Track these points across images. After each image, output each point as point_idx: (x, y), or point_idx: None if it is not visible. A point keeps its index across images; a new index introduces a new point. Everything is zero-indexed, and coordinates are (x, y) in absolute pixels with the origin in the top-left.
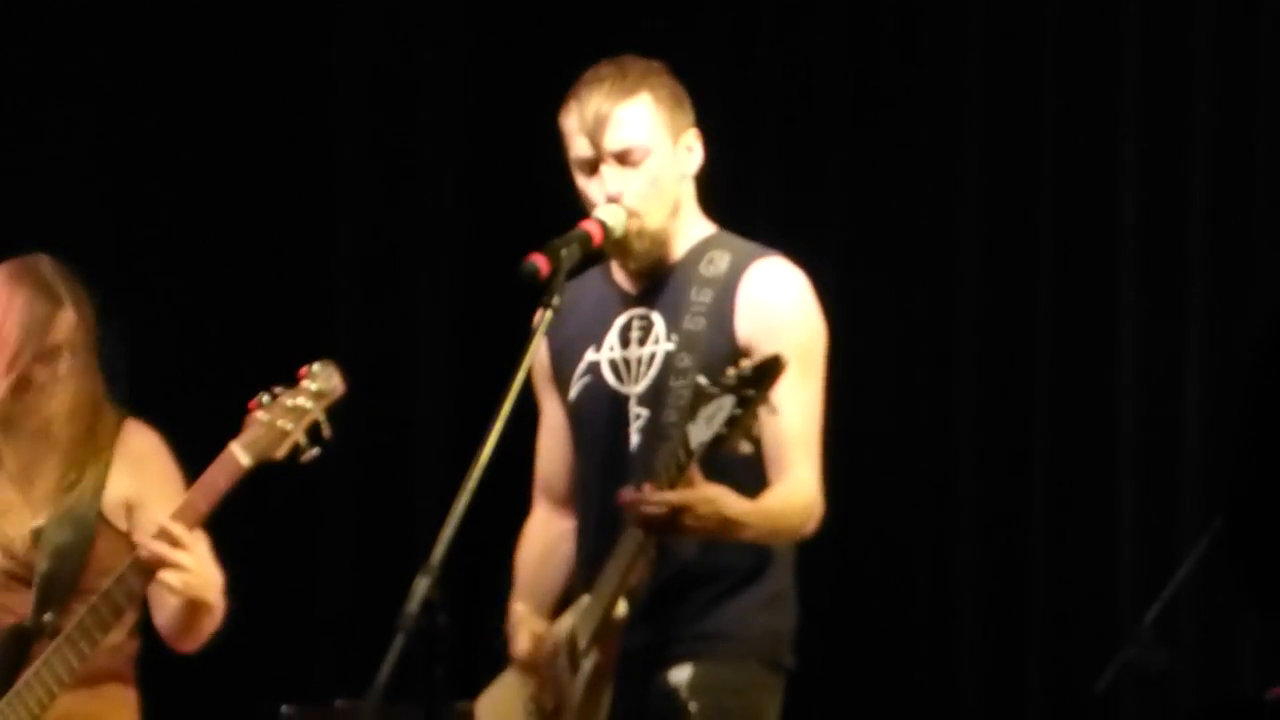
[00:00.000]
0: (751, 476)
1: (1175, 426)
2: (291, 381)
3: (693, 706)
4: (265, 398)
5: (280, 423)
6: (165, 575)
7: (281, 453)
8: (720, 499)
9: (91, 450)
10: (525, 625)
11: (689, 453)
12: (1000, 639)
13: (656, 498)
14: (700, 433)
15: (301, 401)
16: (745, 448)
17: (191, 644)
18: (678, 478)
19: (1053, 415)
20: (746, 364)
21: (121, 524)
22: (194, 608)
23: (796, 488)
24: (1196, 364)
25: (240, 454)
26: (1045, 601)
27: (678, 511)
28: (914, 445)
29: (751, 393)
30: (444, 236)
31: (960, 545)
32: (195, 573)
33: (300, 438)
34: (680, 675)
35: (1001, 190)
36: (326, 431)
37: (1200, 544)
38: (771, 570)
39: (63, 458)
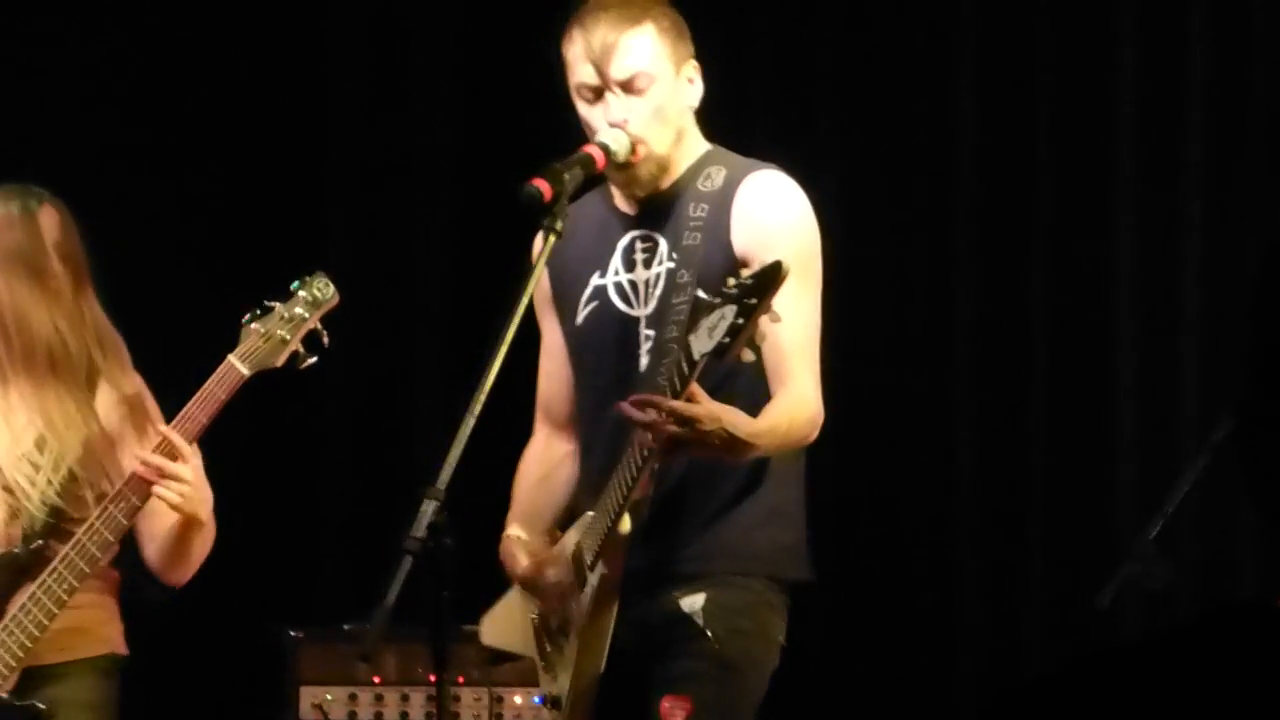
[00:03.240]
0: (753, 388)
1: (1175, 341)
2: (285, 295)
3: (710, 632)
4: (258, 310)
5: (278, 332)
6: (160, 490)
7: (280, 361)
8: (727, 417)
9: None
10: (524, 545)
11: (692, 364)
12: (1002, 556)
13: (666, 404)
14: (702, 343)
15: (298, 311)
16: (748, 356)
17: (183, 571)
18: (680, 390)
19: (1052, 328)
20: (747, 273)
21: (105, 460)
22: (186, 528)
23: (799, 401)
24: (1196, 275)
25: (239, 364)
26: (1046, 518)
27: (684, 423)
28: (913, 354)
29: (753, 301)
30: (443, 156)
31: (960, 462)
32: (194, 487)
33: (298, 346)
34: (694, 603)
35: (997, 102)
36: (326, 340)
37: (1201, 458)
38: (769, 483)
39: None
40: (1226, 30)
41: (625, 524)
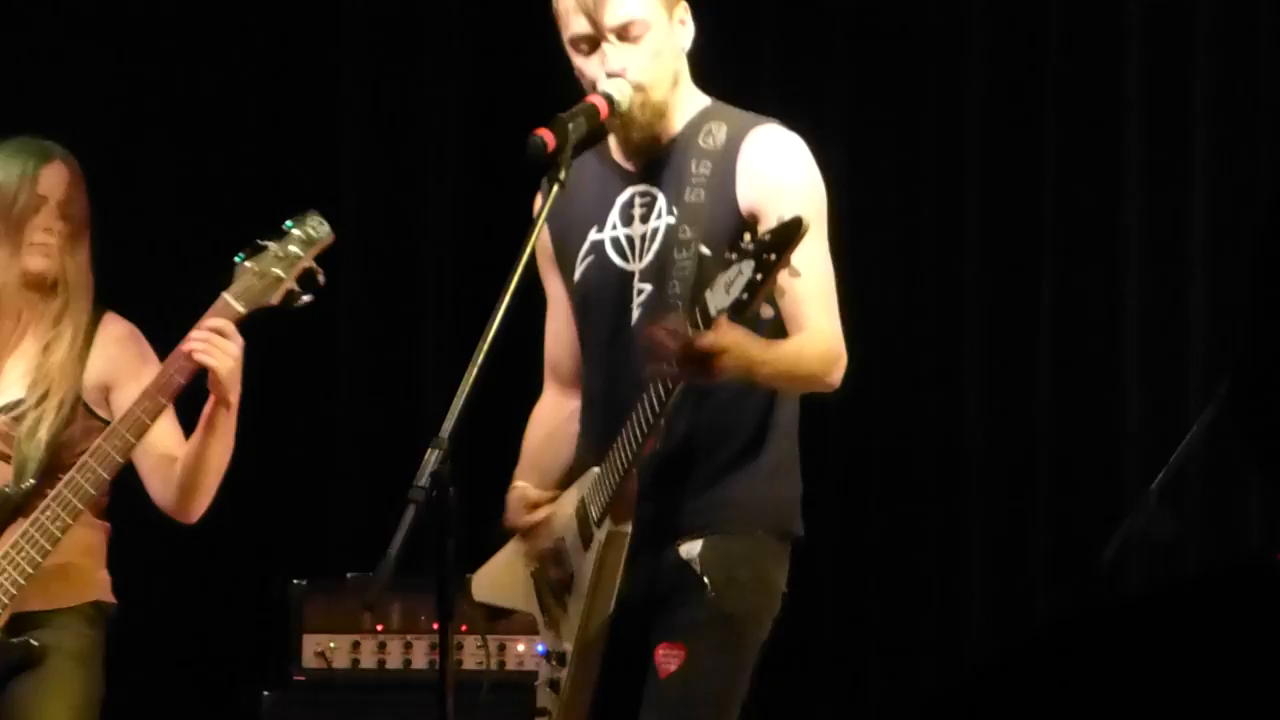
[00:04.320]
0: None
1: (1181, 295)
2: (279, 234)
3: (706, 579)
4: (250, 249)
5: (273, 270)
6: (209, 356)
7: (276, 299)
8: (742, 341)
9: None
10: (526, 497)
11: (708, 320)
12: (1007, 509)
13: (689, 336)
14: (719, 299)
15: (293, 249)
16: (766, 311)
17: (201, 493)
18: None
19: (1058, 288)
20: (763, 228)
21: (99, 409)
22: (214, 424)
23: (816, 334)
24: (1202, 230)
25: (233, 302)
26: (1051, 472)
27: (705, 353)
28: (921, 316)
29: (772, 257)
30: (451, 107)
31: (966, 416)
32: (237, 362)
33: (293, 284)
34: (692, 549)
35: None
36: (321, 279)
37: (1206, 412)
38: (773, 438)
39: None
40: (1232, 27)
41: (634, 480)
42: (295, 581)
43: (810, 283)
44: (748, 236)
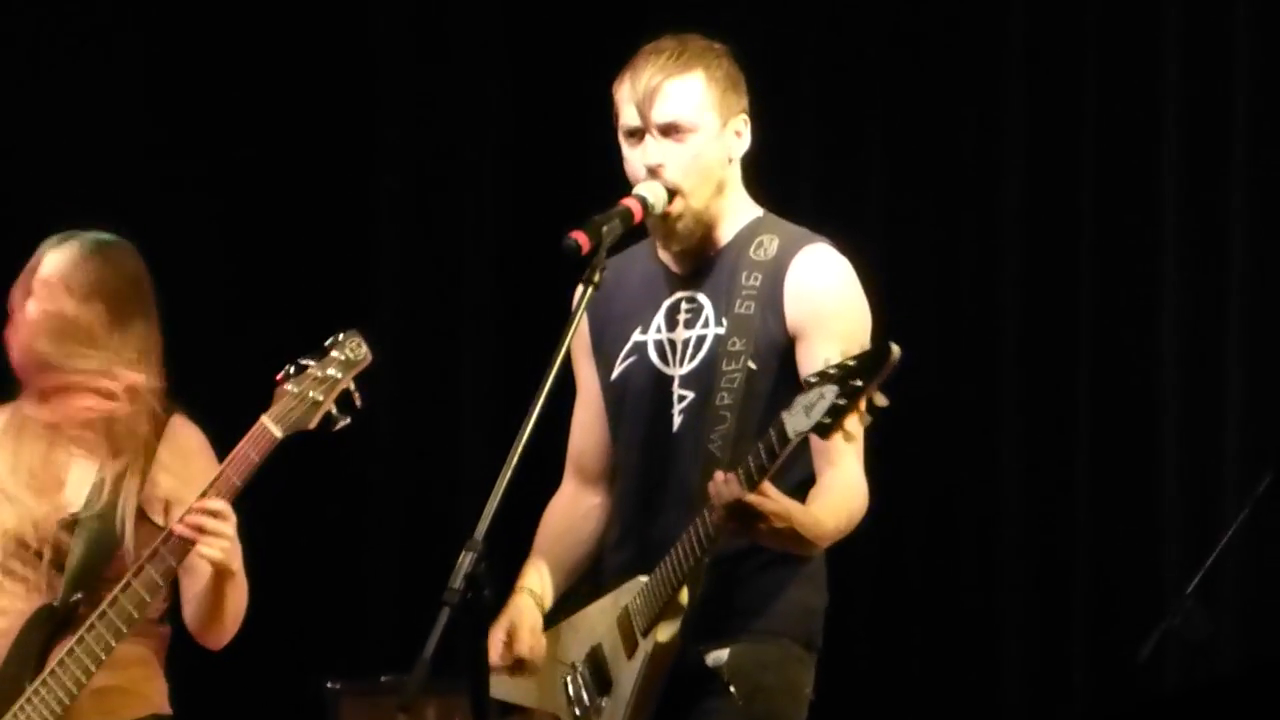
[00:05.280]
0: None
1: (1219, 392)
2: (319, 353)
3: (733, 689)
4: (291, 369)
5: (311, 393)
6: (202, 549)
7: (313, 423)
8: (797, 516)
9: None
10: (517, 626)
11: (785, 440)
12: (1045, 607)
13: (746, 498)
14: (799, 422)
15: (331, 371)
16: (842, 439)
17: (218, 630)
18: (767, 465)
19: (1096, 383)
20: (849, 354)
21: (158, 519)
22: (220, 580)
23: (853, 490)
24: (1238, 325)
25: (272, 426)
26: (1090, 570)
27: (755, 516)
28: (959, 414)
29: (859, 383)
30: (486, 213)
31: (1004, 515)
32: (232, 543)
33: (331, 407)
34: (719, 658)
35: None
36: (358, 401)
37: (1244, 511)
38: None
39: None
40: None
41: (684, 594)
42: (330, 684)
43: None
44: (830, 360)
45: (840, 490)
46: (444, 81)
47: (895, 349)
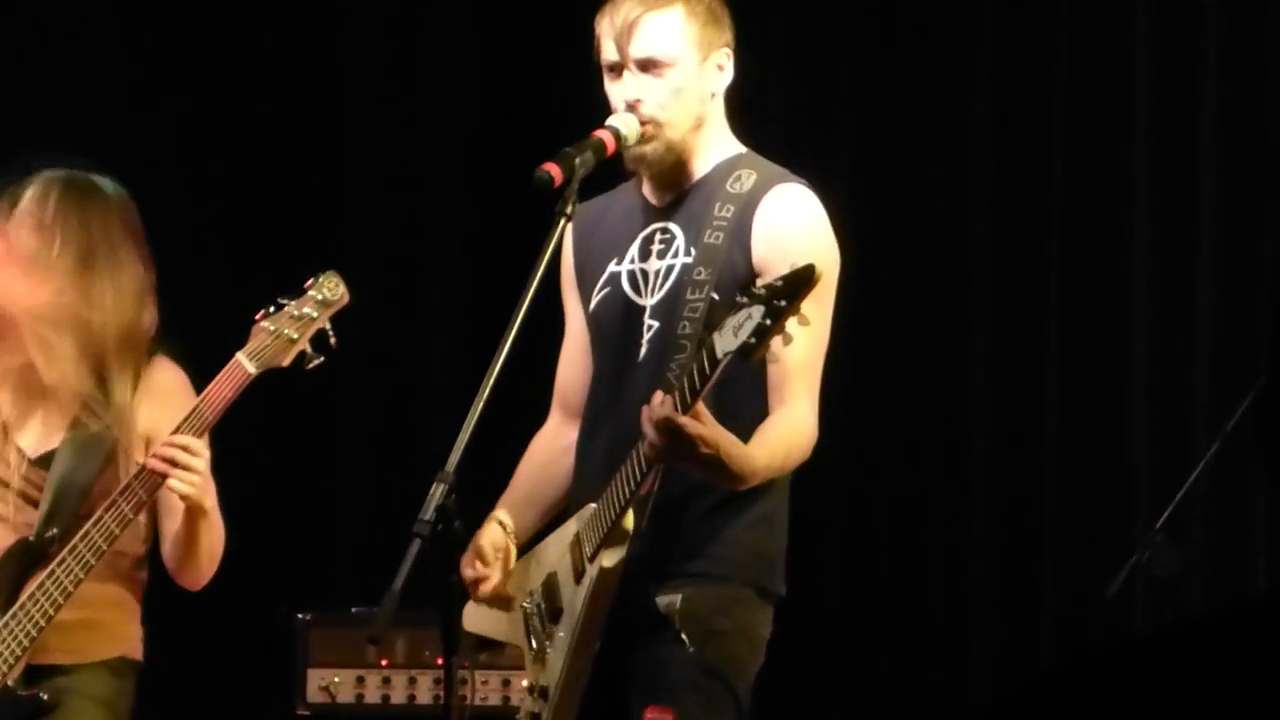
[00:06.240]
0: (741, 403)
1: (1189, 328)
2: (297, 292)
3: (685, 636)
4: (270, 308)
5: (286, 331)
6: (173, 482)
7: (287, 361)
8: (725, 445)
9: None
10: (482, 549)
11: (714, 362)
12: (1012, 544)
13: (675, 420)
14: (727, 342)
15: (307, 310)
16: (772, 357)
17: (195, 570)
18: (699, 387)
19: (1066, 320)
20: (772, 277)
21: (138, 455)
22: (192, 518)
23: (798, 427)
24: (1209, 264)
25: (246, 362)
26: (1057, 506)
27: (683, 438)
28: (928, 351)
29: (783, 303)
30: (458, 145)
31: (973, 450)
32: (204, 478)
33: (305, 346)
34: (671, 604)
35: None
36: (333, 340)
37: (1212, 446)
38: (762, 490)
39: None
40: (1240, 30)
41: (629, 520)
42: (299, 615)
43: (800, 350)
44: (759, 281)
45: (782, 429)
46: (413, 22)
47: (819, 269)
